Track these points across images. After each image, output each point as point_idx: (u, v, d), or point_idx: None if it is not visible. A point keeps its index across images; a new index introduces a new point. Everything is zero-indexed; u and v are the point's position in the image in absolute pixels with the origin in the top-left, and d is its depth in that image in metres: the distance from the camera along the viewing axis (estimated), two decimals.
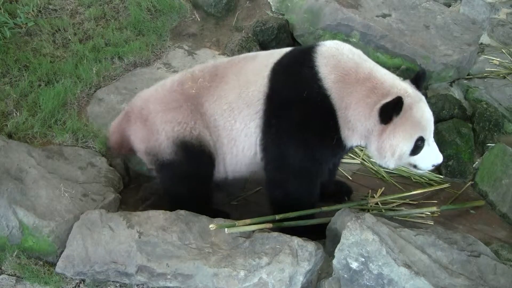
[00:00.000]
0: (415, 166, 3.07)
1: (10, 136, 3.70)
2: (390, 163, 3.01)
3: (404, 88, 2.95)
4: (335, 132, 2.99)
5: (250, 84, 3.11)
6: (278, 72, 3.07)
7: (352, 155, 4.03)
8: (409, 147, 2.93)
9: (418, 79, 3.07)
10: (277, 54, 3.18)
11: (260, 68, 3.14)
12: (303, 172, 3.09)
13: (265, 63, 3.14)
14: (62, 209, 3.15)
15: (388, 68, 4.44)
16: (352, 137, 3.01)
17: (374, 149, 2.99)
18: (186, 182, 3.23)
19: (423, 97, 3.00)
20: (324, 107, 2.95)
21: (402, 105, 2.84)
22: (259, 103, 3.07)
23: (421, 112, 2.94)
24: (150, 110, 3.24)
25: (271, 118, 3.05)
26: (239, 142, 3.15)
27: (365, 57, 3.09)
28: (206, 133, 3.17)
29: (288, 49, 3.24)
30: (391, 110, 2.85)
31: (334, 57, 2.99)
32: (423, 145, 2.96)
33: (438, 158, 3.02)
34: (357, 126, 2.96)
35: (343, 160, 3.91)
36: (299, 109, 2.99)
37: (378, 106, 2.87)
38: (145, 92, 3.40)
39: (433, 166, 3.05)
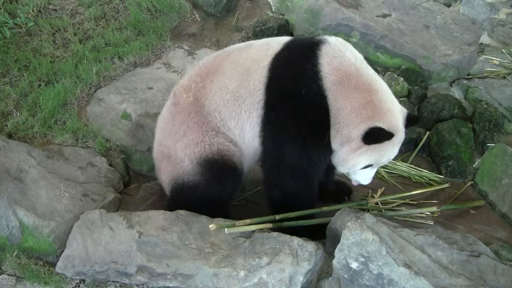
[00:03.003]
0: (347, 173, 3.24)
1: (10, 136, 3.70)
2: (343, 171, 3.20)
3: (398, 122, 2.98)
4: (326, 132, 2.99)
5: (250, 72, 3.07)
6: (279, 64, 3.04)
7: None
8: (362, 167, 3.05)
9: (412, 122, 3.14)
10: (275, 43, 3.14)
11: (259, 57, 3.09)
12: (301, 171, 3.09)
13: (264, 52, 3.10)
14: (62, 209, 3.15)
15: (388, 68, 4.50)
16: (335, 138, 3.00)
17: (340, 158, 3.04)
18: (209, 201, 3.17)
19: (403, 138, 3.08)
20: (321, 106, 2.95)
21: (389, 140, 2.91)
22: (260, 93, 3.04)
23: (391, 153, 3.07)
24: (168, 147, 3.22)
25: (270, 111, 3.04)
26: (247, 132, 3.13)
27: (366, 63, 3.08)
28: (222, 141, 3.13)
29: (286, 38, 3.20)
30: (378, 138, 2.90)
31: (337, 58, 2.97)
32: (367, 168, 3.09)
33: (366, 181, 3.19)
34: (343, 129, 2.96)
35: None
36: (297, 105, 2.98)
37: (370, 124, 2.88)
38: (155, 139, 3.38)
39: (358, 183, 3.24)
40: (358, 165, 3.02)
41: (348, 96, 2.92)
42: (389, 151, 3.03)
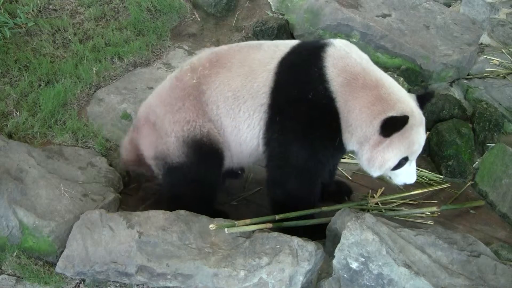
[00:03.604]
0: (390, 178, 3.16)
1: (10, 136, 3.70)
2: (375, 173, 3.07)
3: (410, 106, 2.94)
4: (337, 135, 3.00)
5: (255, 74, 3.07)
6: (285, 68, 3.04)
7: (352, 155, 4.02)
8: (395, 163, 2.98)
9: (425, 99, 3.08)
10: (283, 46, 3.14)
11: (266, 59, 3.09)
12: (305, 172, 3.09)
13: (271, 54, 3.10)
14: (62, 209, 3.15)
15: (388, 68, 4.50)
16: (350, 140, 3.01)
17: (365, 157, 3.01)
18: (195, 184, 3.19)
19: (424, 120, 3.03)
20: (329, 109, 2.95)
21: (406, 124, 2.86)
22: (264, 96, 3.04)
23: (418, 136, 2.98)
24: (157, 114, 3.20)
25: (276, 115, 3.04)
26: (242, 132, 3.13)
27: (371, 62, 3.08)
28: (212, 127, 3.13)
29: (294, 42, 3.20)
30: (394, 126, 2.86)
31: (343, 60, 2.97)
32: (405, 164, 3.02)
33: (411, 179, 3.09)
34: (357, 130, 2.96)
35: (343, 160, 3.91)
36: (304, 109, 2.98)
37: (382, 117, 2.87)
38: (147, 99, 3.37)
39: (404, 183, 3.13)
40: (389, 161, 2.96)
41: (356, 96, 2.92)
42: (414, 137, 2.95)
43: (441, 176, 3.90)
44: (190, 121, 3.12)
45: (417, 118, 2.96)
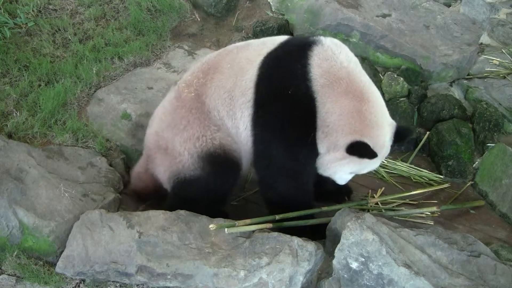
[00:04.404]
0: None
1: (10, 136, 3.70)
2: (323, 174, 3.12)
3: (385, 139, 2.94)
4: (311, 132, 2.94)
5: (244, 72, 3.05)
6: (270, 62, 3.01)
7: None
8: (342, 175, 3.08)
9: (402, 136, 3.07)
10: (270, 43, 3.12)
11: (253, 56, 3.08)
12: (289, 171, 3.07)
13: (258, 51, 3.09)
14: (62, 209, 3.15)
15: (388, 68, 4.50)
16: (322, 141, 2.95)
17: (323, 162, 3.01)
18: (209, 194, 3.19)
19: (388, 152, 3.06)
20: (308, 108, 2.90)
21: (372, 158, 2.90)
22: (251, 92, 3.02)
23: (373, 165, 3.08)
24: (166, 139, 3.21)
25: (259, 110, 3.02)
26: (241, 131, 3.12)
27: (360, 68, 3.01)
28: (223, 136, 3.13)
29: (282, 38, 3.17)
30: (360, 152, 2.87)
31: (328, 61, 2.90)
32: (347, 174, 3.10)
33: (341, 182, 3.18)
34: (332, 134, 2.91)
35: None
36: (283, 105, 2.94)
37: (356, 138, 2.84)
38: (152, 127, 3.37)
39: (333, 181, 3.20)
40: (338, 173, 3.04)
41: (337, 100, 2.87)
42: (371, 165, 3.05)
43: (441, 176, 3.91)
44: (200, 136, 3.12)
45: (383, 152, 2.99)
